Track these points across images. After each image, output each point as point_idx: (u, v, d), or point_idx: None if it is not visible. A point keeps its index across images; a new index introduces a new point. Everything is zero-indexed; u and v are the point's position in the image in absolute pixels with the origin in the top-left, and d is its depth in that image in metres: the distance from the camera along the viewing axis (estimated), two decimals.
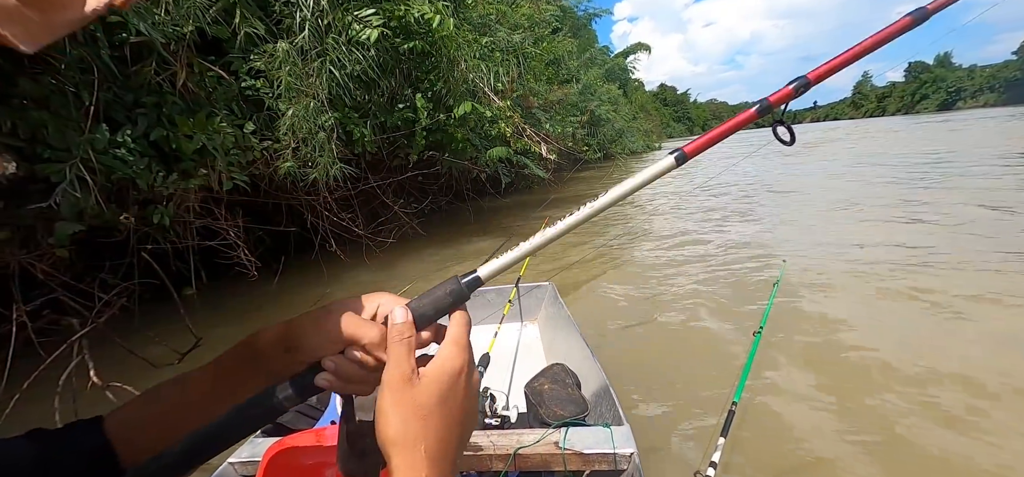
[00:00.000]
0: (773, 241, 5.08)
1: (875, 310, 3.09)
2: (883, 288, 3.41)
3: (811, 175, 10.69)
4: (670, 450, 1.89)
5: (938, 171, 9.22)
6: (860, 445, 1.85)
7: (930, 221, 5.23)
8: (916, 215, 5.60)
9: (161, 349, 2.90)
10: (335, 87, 4.26)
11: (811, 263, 4.11)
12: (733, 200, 7.92)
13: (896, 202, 6.47)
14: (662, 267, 4.50)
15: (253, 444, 1.26)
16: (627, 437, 1.17)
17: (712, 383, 2.31)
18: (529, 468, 1.16)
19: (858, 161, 12.92)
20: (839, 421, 2.00)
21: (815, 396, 2.19)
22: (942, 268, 3.68)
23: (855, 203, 6.71)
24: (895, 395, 2.14)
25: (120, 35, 2.96)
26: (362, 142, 4.77)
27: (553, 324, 2.40)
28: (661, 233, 6.01)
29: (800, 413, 2.07)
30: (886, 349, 2.52)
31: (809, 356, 2.54)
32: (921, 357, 2.41)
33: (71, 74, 2.67)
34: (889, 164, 11.29)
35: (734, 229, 5.78)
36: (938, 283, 3.37)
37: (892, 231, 4.96)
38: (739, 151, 14.51)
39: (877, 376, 2.31)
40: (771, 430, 1.98)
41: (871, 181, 8.79)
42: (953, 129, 23.75)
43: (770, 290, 2.53)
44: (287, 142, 4.00)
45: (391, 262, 5.52)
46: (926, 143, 16.40)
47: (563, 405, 1.32)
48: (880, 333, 2.73)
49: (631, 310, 3.50)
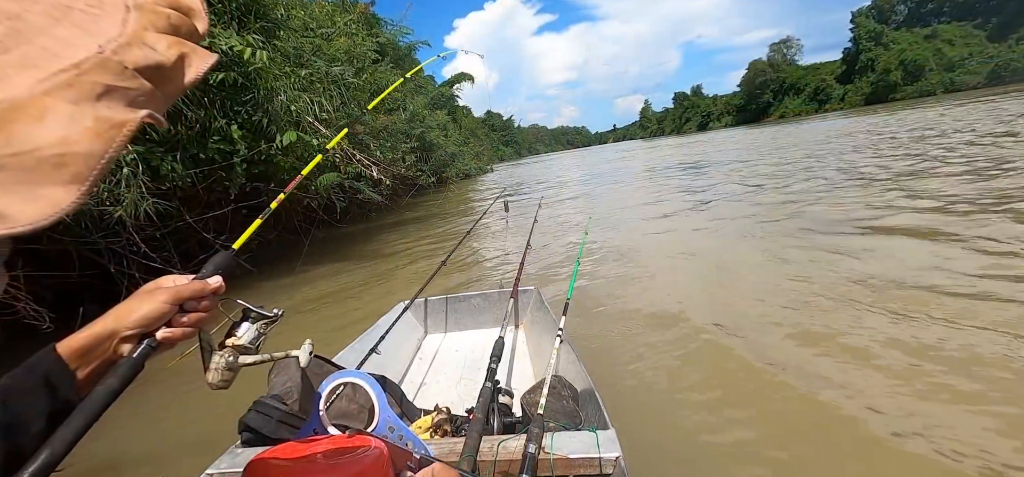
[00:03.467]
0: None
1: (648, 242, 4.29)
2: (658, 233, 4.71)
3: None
4: (664, 453, 1.95)
5: (704, 169, 12.24)
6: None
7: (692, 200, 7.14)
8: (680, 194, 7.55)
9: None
10: None
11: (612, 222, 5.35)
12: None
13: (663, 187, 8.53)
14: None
15: (233, 454, 1.21)
16: (613, 441, 1.15)
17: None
18: (512, 473, 1.14)
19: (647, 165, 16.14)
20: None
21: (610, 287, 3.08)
22: (697, 219, 5.20)
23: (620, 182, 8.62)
24: (654, 284, 3.15)
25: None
26: (172, 177, 4.49)
27: (539, 328, 2.38)
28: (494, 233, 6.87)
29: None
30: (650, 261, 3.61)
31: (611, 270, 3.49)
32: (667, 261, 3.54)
33: None
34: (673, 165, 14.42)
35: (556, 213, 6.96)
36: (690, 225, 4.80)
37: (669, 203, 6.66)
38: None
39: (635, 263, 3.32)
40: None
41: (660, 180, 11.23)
42: (703, 141, 30.81)
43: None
44: None
45: (219, 299, 5.20)
46: (691, 153, 21.11)
47: (557, 418, 1.30)
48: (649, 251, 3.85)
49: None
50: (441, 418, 1.50)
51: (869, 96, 65.33)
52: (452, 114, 31.20)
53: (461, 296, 2.79)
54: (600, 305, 3.59)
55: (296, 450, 0.84)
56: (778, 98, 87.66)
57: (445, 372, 2.33)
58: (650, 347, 2.78)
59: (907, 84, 60.83)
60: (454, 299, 2.78)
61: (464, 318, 2.76)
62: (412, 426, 1.48)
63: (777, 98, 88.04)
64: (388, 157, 8.83)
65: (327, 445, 0.82)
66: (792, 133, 22.66)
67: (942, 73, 59.37)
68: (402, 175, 10.77)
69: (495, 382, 1.50)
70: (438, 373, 2.34)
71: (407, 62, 22.66)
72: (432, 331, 2.78)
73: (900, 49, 63.69)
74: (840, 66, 76.87)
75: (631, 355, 2.72)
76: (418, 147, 14.25)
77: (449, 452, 1.18)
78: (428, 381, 2.27)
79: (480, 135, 46.81)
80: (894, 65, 62.60)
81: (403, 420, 1.12)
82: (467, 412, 1.55)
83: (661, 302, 3.43)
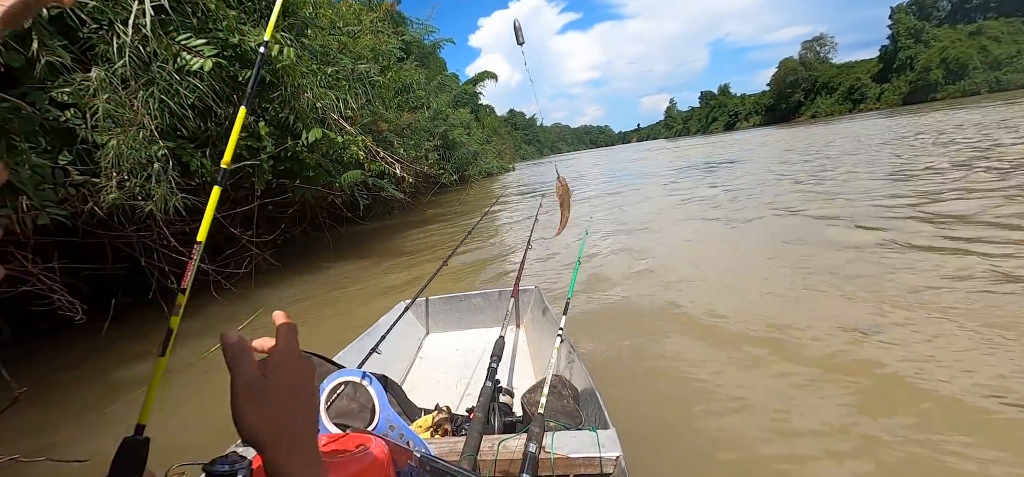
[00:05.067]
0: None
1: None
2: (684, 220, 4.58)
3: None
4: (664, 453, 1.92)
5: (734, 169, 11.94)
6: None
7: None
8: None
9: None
10: (166, 116, 4.08)
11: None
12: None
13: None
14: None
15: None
16: (613, 440, 1.15)
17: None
18: (512, 472, 1.14)
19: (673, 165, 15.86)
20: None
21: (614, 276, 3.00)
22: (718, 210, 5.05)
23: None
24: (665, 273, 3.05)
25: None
26: (201, 172, 4.57)
27: (540, 327, 2.38)
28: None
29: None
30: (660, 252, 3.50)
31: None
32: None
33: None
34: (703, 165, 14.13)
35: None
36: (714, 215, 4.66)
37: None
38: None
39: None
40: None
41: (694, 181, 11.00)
42: (733, 142, 30.11)
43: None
44: (111, 174, 3.72)
45: (244, 294, 5.30)
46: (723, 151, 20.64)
47: (557, 417, 1.31)
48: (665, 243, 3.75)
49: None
50: (442, 417, 1.50)
51: (907, 96, 62.64)
52: (475, 112, 31.29)
53: (462, 296, 2.79)
54: (601, 305, 3.54)
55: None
56: (809, 97, 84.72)
57: (446, 371, 2.32)
58: (651, 347, 2.74)
59: (949, 83, 58.09)
60: (455, 299, 2.79)
61: (465, 317, 2.76)
62: (413, 425, 1.48)
63: (808, 97, 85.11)
64: (412, 155, 8.87)
65: (328, 444, 0.82)
66: (826, 133, 21.85)
67: (987, 72, 56.45)
68: (425, 173, 10.82)
69: (496, 381, 1.53)
70: (439, 372, 2.33)
71: (431, 60, 22.86)
72: (433, 330, 2.78)
73: (942, 46, 60.79)
74: (877, 64, 73.88)
75: (632, 355, 2.68)
76: (441, 145, 14.30)
77: (450, 451, 1.18)
78: (429, 380, 2.27)
79: (503, 133, 46.84)
80: (935, 63, 59.83)
81: (404, 419, 1.11)
82: (468, 411, 1.55)
83: (663, 302, 3.38)
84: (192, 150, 4.56)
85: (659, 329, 2.98)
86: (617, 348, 2.81)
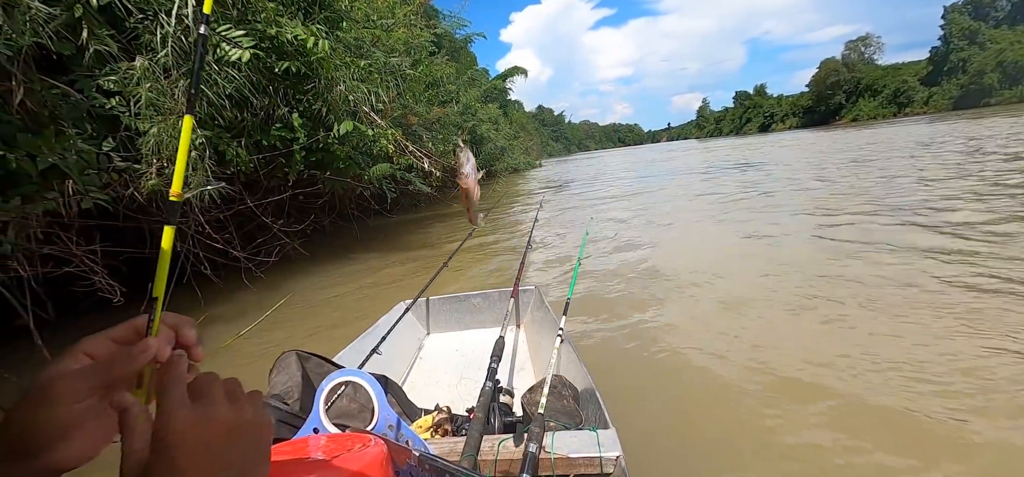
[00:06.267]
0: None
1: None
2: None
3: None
4: (664, 453, 1.91)
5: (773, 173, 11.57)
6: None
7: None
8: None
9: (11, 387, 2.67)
10: (205, 106, 4.17)
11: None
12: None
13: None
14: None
15: None
16: (613, 440, 1.15)
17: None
18: (512, 472, 1.14)
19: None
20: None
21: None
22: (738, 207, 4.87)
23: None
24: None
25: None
26: (236, 162, 4.67)
27: (540, 327, 2.38)
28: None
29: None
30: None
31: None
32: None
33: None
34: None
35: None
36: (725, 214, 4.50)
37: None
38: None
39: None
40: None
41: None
42: (761, 143, 29.18)
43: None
44: (151, 161, 3.83)
45: (274, 283, 5.41)
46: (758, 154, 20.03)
47: (557, 417, 1.31)
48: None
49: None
50: (442, 417, 1.50)
51: (957, 100, 59.41)
52: (503, 108, 31.24)
53: (462, 296, 2.79)
54: (601, 304, 3.49)
55: (296, 449, 0.86)
56: (851, 100, 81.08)
57: (446, 372, 2.32)
58: (652, 347, 2.71)
59: (1005, 88, 54.74)
60: (455, 299, 2.79)
61: (465, 318, 2.76)
62: (413, 425, 1.48)
63: (850, 100, 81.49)
64: (440, 150, 8.88)
65: (327, 444, 0.83)
66: (873, 134, 20.89)
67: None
68: (452, 168, 10.82)
69: (496, 382, 1.54)
70: (439, 373, 2.33)
71: (462, 54, 22.91)
72: (433, 331, 2.79)
73: (999, 49, 57.23)
74: (926, 67, 70.19)
75: (632, 355, 2.66)
76: (469, 140, 14.30)
77: (450, 451, 1.17)
78: (429, 381, 2.27)
79: (530, 129, 46.69)
80: (991, 66, 56.43)
81: (404, 419, 1.08)
82: (468, 412, 1.56)
83: (664, 302, 3.33)
84: (228, 139, 4.66)
85: (660, 329, 2.93)
86: (617, 348, 2.78)
